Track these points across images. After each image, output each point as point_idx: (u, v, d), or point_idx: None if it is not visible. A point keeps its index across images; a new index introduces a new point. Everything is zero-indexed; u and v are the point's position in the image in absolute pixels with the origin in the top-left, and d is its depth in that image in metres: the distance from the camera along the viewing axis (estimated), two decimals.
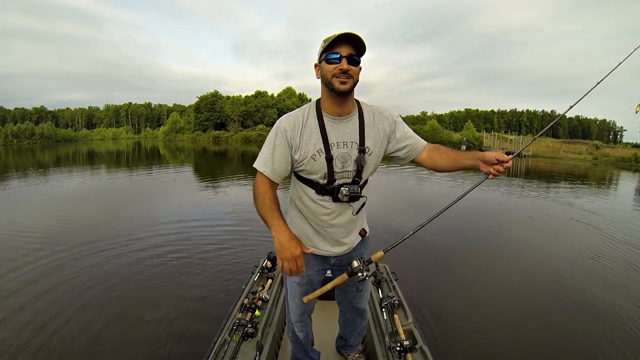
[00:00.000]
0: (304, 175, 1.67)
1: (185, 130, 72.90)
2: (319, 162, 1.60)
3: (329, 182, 1.64)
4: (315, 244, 1.80)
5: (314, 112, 1.63)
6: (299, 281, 1.90)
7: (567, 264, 5.30)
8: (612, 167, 26.97)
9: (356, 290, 2.04)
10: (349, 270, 1.60)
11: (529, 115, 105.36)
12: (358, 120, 1.67)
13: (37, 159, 29.36)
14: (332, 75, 1.53)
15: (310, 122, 1.61)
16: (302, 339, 2.07)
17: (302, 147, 1.59)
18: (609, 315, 3.83)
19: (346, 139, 1.63)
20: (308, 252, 1.62)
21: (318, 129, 1.60)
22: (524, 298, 4.25)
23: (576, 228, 7.60)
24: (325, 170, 1.62)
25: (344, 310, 2.23)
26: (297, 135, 1.59)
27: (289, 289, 1.97)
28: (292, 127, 1.59)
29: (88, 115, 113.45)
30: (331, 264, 1.91)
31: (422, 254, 5.45)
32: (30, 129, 76.05)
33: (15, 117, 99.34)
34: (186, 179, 15.26)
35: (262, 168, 1.62)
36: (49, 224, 6.99)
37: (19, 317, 3.56)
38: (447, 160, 1.73)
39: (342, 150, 1.63)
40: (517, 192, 12.00)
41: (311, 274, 1.88)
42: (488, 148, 38.81)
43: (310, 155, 1.60)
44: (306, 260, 1.81)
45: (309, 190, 1.69)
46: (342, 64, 1.51)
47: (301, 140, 1.59)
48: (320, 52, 1.57)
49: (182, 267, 4.85)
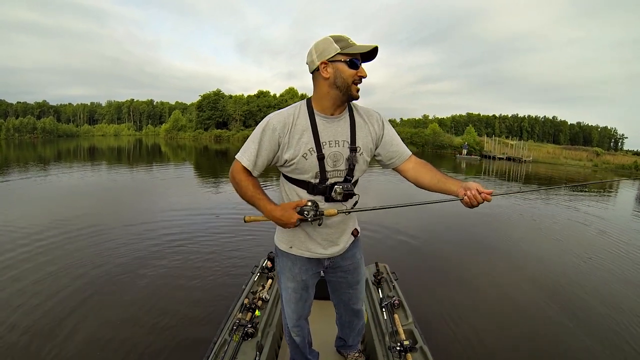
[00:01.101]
0: (295, 176, 1.66)
1: (187, 128, 73.02)
2: (310, 160, 1.59)
3: (321, 181, 1.64)
4: (309, 248, 1.79)
5: (305, 111, 1.62)
6: (294, 287, 1.89)
7: (567, 265, 5.36)
8: (612, 174, 27.01)
9: (350, 291, 2.05)
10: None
11: (530, 121, 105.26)
12: (349, 120, 1.67)
13: (38, 153, 29.40)
14: (352, 81, 1.54)
15: (301, 121, 1.59)
16: (299, 343, 2.07)
17: (293, 146, 1.58)
18: (610, 316, 3.87)
19: (338, 138, 1.63)
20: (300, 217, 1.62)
21: (310, 128, 1.59)
22: (524, 298, 4.28)
23: (577, 231, 7.66)
24: (317, 169, 1.61)
25: (339, 312, 2.23)
26: (287, 134, 1.57)
27: (284, 295, 1.95)
28: (282, 125, 1.57)
29: (90, 111, 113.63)
30: (325, 265, 1.90)
31: (422, 254, 5.48)
32: (32, 123, 76.28)
33: (17, 111, 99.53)
34: (187, 177, 15.26)
35: (246, 162, 1.61)
36: (43, 222, 6.87)
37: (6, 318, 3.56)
38: (432, 178, 1.71)
39: (334, 149, 1.62)
40: (517, 195, 12.00)
41: (306, 278, 1.88)
42: (489, 152, 38.83)
43: (301, 154, 1.58)
44: (300, 264, 1.84)
45: (300, 190, 1.67)
46: (362, 71, 1.55)
47: (291, 139, 1.58)
48: (334, 52, 1.52)
49: (181, 267, 4.85)
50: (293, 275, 1.86)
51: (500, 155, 37.80)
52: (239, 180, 1.65)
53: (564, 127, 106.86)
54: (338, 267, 1.93)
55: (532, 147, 44.05)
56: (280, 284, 1.95)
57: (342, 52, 1.51)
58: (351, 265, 1.97)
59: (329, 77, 1.55)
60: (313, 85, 1.65)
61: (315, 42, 1.59)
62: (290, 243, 1.80)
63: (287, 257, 1.85)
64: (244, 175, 1.64)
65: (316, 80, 1.61)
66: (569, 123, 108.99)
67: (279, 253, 1.90)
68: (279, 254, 1.90)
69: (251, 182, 1.65)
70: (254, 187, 1.64)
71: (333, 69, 1.54)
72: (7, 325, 3.35)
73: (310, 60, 1.59)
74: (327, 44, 1.53)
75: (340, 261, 1.91)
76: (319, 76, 1.58)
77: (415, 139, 51.75)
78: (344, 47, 1.51)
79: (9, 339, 3.16)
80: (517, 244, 6.29)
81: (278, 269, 1.94)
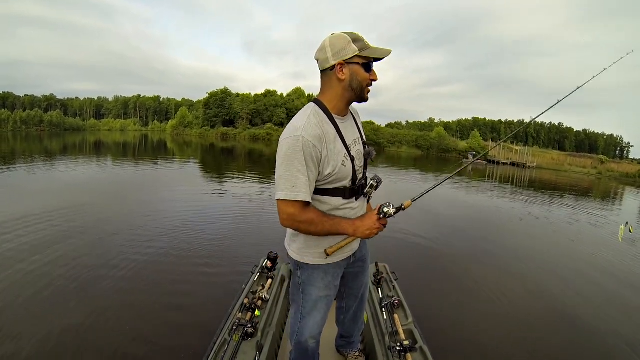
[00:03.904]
0: (332, 186, 1.56)
1: (194, 125, 73.20)
2: (348, 166, 1.54)
3: (353, 182, 1.60)
4: (344, 249, 1.71)
5: (324, 117, 1.51)
6: (327, 295, 1.80)
7: (565, 266, 5.37)
8: (616, 183, 26.88)
9: (364, 279, 2.03)
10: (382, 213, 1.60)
11: (535, 127, 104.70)
12: (352, 117, 1.69)
13: (45, 146, 29.56)
14: (367, 84, 1.51)
15: (328, 129, 1.49)
16: (315, 348, 1.94)
17: (332, 157, 1.49)
18: (613, 318, 3.91)
19: (354, 137, 1.64)
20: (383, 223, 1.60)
21: (336, 134, 1.52)
22: (523, 298, 4.30)
23: (577, 235, 7.64)
24: (352, 172, 1.57)
25: (349, 305, 2.14)
26: (325, 147, 1.46)
27: (311, 308, 1.80)
28: (318, 140, 1.44)
29: (97, 106, 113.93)
30: (351, 261, 1.85)
31: (423, 254, 5.49)
32: (39, 116, 76.66)
33: (25, 104, 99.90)
34: (191, 174, 15.32)
35: (304, 196, 1.44)
36: (43, 216, 6.88)
37: None
38: None
39: (356, 147, 1.62)
40: (520, 199, 11.99)
41: (337, 284, 1.84)
42: (493, 158, 38.72)
43: (340, 163, 1.51)
44: (333, 271, 1.77)
45: (335, 199, 1.59)
46: (375, 74, 1.53)
47: (330, 151, 1.48)
48: (352, 53, 1.45)
49: (181, 266, 4.86)
50: (326, 285, 1.76)
51: (505, 160, 37.70)
52: (309, 221, 1.50)
53: (569, 134, 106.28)
54: (358, 262, 1.92)
55: (536, 153, 43.93)
56: (307, 297, 1.79)
57: (360, 54, 1.45)
58: (366, 253, 1.98)
59: (345, 79, 1.49)
60: (322, 84, 1.56)
61: (330, 37, 1.49)
62: (324, 253, 1.66)
63: (317, 269, 1.72)
64: (309, 213, 1.50)
65: (329, 80, 1.53)
66: (575, 130, 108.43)
67: (305, 267, 1.74)
68: (305, 268, 1.74)
69: (318, 214, 1.53)
70: (324, 217, 1.53)
71: (349, 71, 1.48)
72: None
73: (323, 57, 1.50)
74: (344, 43, 1.45)
75: (359, 255, 1.91)
76: (332, 76, 1.51)
77: (421, 142, 51.60)
78: (362, 49, 1.45)
79: None
80: (517, 245, 6.30)
81: (304, 283, 1.78)
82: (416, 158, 39.68)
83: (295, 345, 1.96)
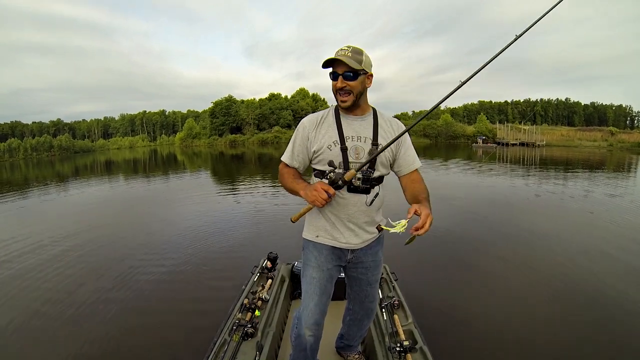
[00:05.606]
0: (322, 167, 1.81)
1: (202, 135, 73.85)
2: (334, 151, 1.77)
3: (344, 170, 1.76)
4: (334, 236, 1.87)
5: (332, 111, 1.86)
6: (320, 277, 1.91)
7: (569, 264, 5.11)
8: (628, 153, 26.37)
9: (368, 288, 2.06)
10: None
11: (543, 105, 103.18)
12: (373, 121, 1.84)
13: (57, 170, 30.04)
14: (335, 91, 1.76)
15: (328, 119, 1.84)
16: (312, 344, 1.99)
17: (319, 139, 1.80)
18: (621, 315, 3.71)
19: (360, 134, 1.80)
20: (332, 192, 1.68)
21: (335, 124, 1.81)
22: (524, 298, 4.12)
23: (588, 224, 7.44)
24: (341, 159, 1.76)
25: (354, 309, 2.19)
26: (314, 129, 1.83)
27: (307, 289, 1.95)
28: (310, 123, 1.85)
29: (104, 126, 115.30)
30: (348, 259, 1.94)
31: (422, 254, 5.37)
32: (49, 141, 77.59)
33: (34, 131, 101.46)
34: (198, 183, 15.39)
35: (285, 158, 1.90)
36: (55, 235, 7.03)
37: None
38: (411, 195, 1.83)
39: (356, 143, 1.78)
40: (522, 188, 11.86)
41: (330, 267, 1.92)
42: (502, 139, 38.39)
43: (326, 146, 1.78)
44: (326, 253, 1.91)
45: (317, 180, 1.82)
46: (338, 82, 1.72)
47: (318, 134, 1.81)
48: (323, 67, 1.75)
49: (181, 267, 4.94)
50: (319, 264, 1.91)
51: (514, 141, 37.33)
52: (280, 172, 1.94)
53: (577, 109, 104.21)
54: (360, 262, 1.96)
55: (545, 131, 43.40)
56: (304, 278, 1.98)
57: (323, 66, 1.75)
58: (373, 262, 2.00)
59: None
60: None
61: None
62: (317, 232, 1.91)
63: (313, 246, 1.94)
64: (285, 168, 1.92)
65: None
66: (583, 104, 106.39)
67: (305, 245, 1.99)
68: (305, 246, 1.99)
69: (290, 171, 1.90)
70: (292, 175, 1.88)
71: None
72: None
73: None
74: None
75: (363, 256, 1.95)
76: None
77: (428, 131, 51.30)
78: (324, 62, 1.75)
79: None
80: (518, 245, 6.05)
81: (304, 262, 2.01)
82: (425, 147, 39.30)
83: (294, 339, 2.04)
